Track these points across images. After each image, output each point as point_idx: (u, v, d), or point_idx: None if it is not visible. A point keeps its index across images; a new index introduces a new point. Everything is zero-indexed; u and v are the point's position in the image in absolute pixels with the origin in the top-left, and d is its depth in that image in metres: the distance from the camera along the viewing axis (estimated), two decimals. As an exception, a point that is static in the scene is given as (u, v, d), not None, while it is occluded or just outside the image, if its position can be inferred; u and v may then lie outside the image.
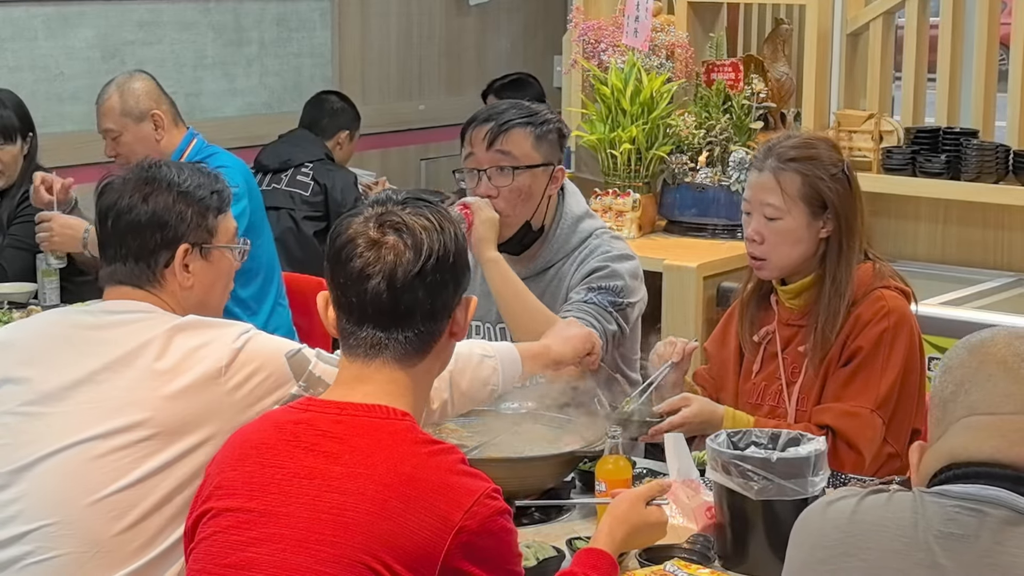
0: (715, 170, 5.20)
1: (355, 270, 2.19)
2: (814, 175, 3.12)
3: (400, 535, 2.04)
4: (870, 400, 3.08)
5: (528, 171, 3.40)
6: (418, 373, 2.23)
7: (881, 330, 3.10)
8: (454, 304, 2.24)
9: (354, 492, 2.07)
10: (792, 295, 3.21)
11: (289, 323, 4.58)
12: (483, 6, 7.59)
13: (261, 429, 2.24)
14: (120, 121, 4.41)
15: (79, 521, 2.47)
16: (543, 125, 3.42)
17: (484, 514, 2.08)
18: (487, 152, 3.39)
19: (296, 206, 5.66)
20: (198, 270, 2.69)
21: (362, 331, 2.21)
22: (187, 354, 2.54)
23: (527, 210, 3.44)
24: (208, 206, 2.70)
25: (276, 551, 2.08)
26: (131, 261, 2.66)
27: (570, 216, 3.51)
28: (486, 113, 3.45)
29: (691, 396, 3.14)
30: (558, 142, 3.46)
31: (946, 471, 1.92)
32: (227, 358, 2.54)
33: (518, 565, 2.17)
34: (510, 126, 3.39)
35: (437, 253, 2.19)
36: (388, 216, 2.21)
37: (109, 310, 2.66)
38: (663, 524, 2.56)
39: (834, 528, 1.96)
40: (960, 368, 1.94)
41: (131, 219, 2.66)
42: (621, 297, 3.41)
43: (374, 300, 2.18)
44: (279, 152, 5.80)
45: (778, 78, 5.56)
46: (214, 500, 2.18)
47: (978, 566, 1.85)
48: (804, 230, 3.13)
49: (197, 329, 2.58)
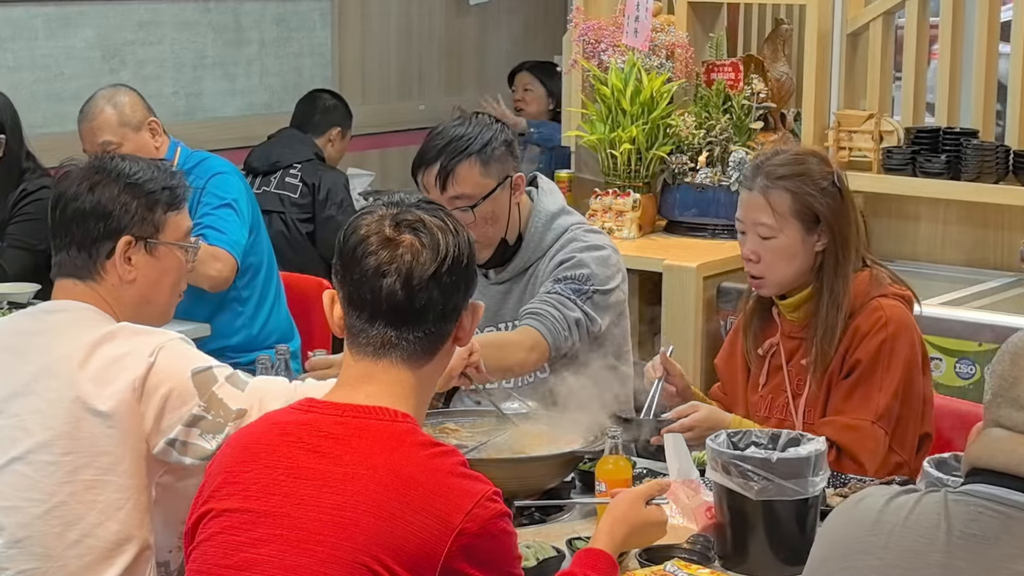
0: (715, 170, 5.20)
1: (370, 267, 2.17)
2: (804, 191, 3.10)
3: (400, 537, 2.04)
4: (871, 412, 3.08)
5: (486, 200, 3.37)
6: (423, 375, 2.22)
7: (880, 341, 3.09)
8: (463, 307, 2.24)
9: (355, 494, 2.07)
10: (792, 308, 3.20)
11: (288, 322, 4.58)
12: (483, 6, 7.59)
13: (262, 430, 2.24)
14: (120, 132, 4.36)
15: (33, 534, 2.51)
16: (486, 148, 3.36)
17: (484, 517, 2.08)
18: (442, 195, 3.35)
19: (286, 209, 5.63)
20: (141, 264, 2.68)
21: (373, 329, 2.19)
22: (108, 364, 2.55)
23: (498, 230, 3.43)
24: (157, 200, 2.68)
25: (277, 552, 2.08)
26: (74, 250, 2.66)
27: (543, 214, 3.50)
28: (431, 153, 3.38)
29: (699, 404, 3.14)
30: (507, 153, 3.40)
31: (972, 474, 1.95)
32: (142, 371, 2.54)
33: (518, 567, 2.17)
34: (454, 165, 3.34)
35: (453, 255, 2.19)
36: (404, 215, 2.20)
37: (47, 310, 2.68)
38: (663, 523, 2.56)
39: (859, 527, 1.97)
40: (999, 378, 1.96)
41: (76, 207, 2.65)
42: (587, 284, 3.40)
43: (389, 298, 2.17)
44: (268, 154, 5.76)
45: (778, 78, 5.56)
46: (215, 501, 2.18)
47: (995, 569, 1.85)
48: (799, 246, 3.13)
49: (120, 338, 2.58)
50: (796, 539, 2.54)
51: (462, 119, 3.43)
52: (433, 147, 3.39)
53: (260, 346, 4.38)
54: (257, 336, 4.47)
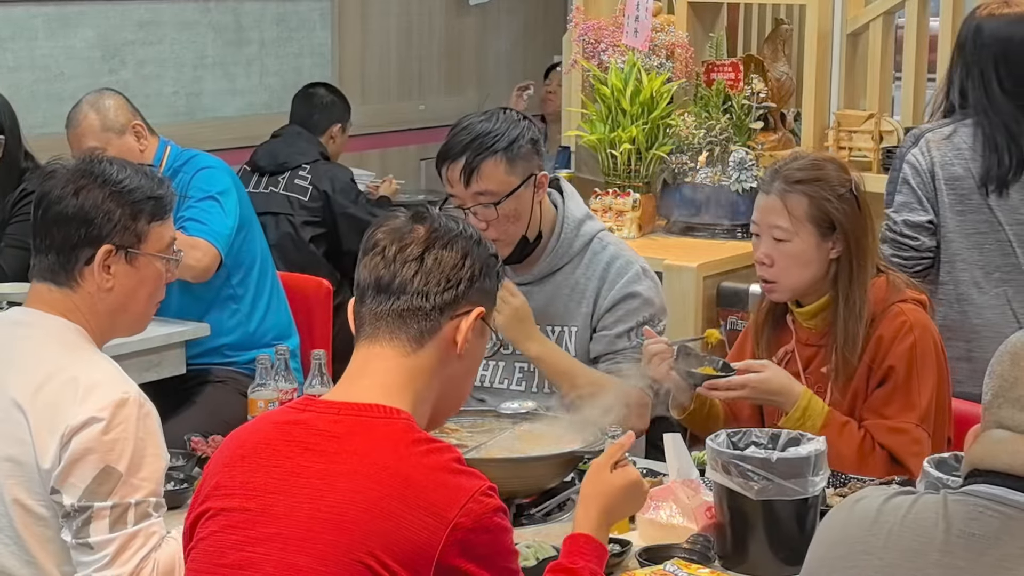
0: (715, 170, 5.19)
1: (370, 247, 2.22)
2: (821, 196, 3.10)
3: (396, 533, 2.05)
4: (915, 416, 3.07)
5: (509, 198, 3.35)
6: (415, 367, 2.20)
7: (909, 346, 3.08)
8: (458, 307, 2.22)
9: (351, 491, 2.08)
10: (808, 316, 3.18)
11: (286, 322, 4.57)
12: (483, 6, 7.59)
13: (258, 429, 2.24)
14: (103, 136, 4.33)
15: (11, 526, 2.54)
16: (513, 145, 3.33)
17: (479, 511, 2.08)
18: (466, 191, 3.34)
19: (295, 211, 5.62)
20: (120, 273, 2.63)
21: (363, 307, 2.22)
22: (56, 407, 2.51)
23: (520, 227, 3.41)
24: (141, 210, 2.63)
25: (274, 550, 2.09)
26: (53, 254, 2.62)
27: (572, 220, 3.49)
28: (456, 148, 3.34)
29: (769, 364, 3.11)
30: (533, 151, 3.38)
31: (973, 475, 1.94)
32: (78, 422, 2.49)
33: (514, 562, 2.17)
34: (479, 162, 3.30)
35: (452, 243, 2.22)
36: (425, 215, 2.25)
37: (15, 320, 2.68)
38: (636, 482, 2.48)
39: (857, 527, 1.97)
40: (999, 379, 1.96)
41: (59, 210, 2.61)
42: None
43: (374, 269, 2.21)
44: (275, 153, 5.75)
45: (778, 78, 5.56)
46: (212, 500, 2.18)
47: (995, 568, 1.85)
48: (813, 251, 3.11)
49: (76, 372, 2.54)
50: (796, 539, 2.53)
51: (488, 114, 3.40)
52: (459, 142, 3.34)
53: (257, 343, 4.38)
54: (254, 333, 4.46)
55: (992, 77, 3.78)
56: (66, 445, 2.48)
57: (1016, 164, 3.78)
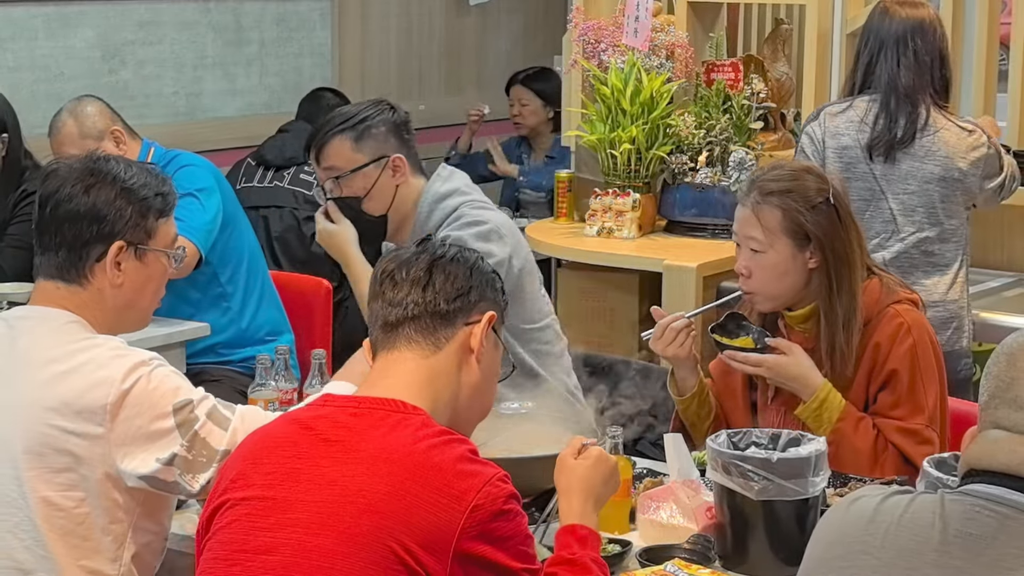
0: (715, 170, 5.20)
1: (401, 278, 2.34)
2: (793, 208, 3.07)
3: (416, 515, 2.10)
4: (923, 417, 3.08)
5: (354, 174, 3.45)
6: (434, 369, 2.30)
7: (909, 347, 3.08)
8: (471, 310, 2.34)
9: (371, 475, 2.13)
10: (799, 320, 3.17)
11: (280, 314, 4.56)
12: (483, 6, 7.59)
13: (277, 425, 2.31)
14: (81, 144, 4.29)
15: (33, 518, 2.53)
16: (361, 124, 3.46)
17: (496, 494, 2.14)
18: (320, 170, 3.51)
19: (299, 205, 5.62)
20: (130, 270, 2.66)
21: (379, 331, 2.34)
22: (78, 392, 2.52)
23: (375, 206, 3.48)
24: (150, 207, 2.67)
25: (296, 535, 2.14)
26: (63, 251, 2.64)
27: (431, 195, 3.51)
28: (311, 134, 3.54)
29: (795, 349, 3.11)
30: (390, 132, 3.49)
31: (970, 476, 1.94)
32: (114, 398, 2.51)
33: (531, 547, 2.21)
34: (325, 140, 3.48)
35: (460, 255, 2.37)
36: (432, 244, 2.40)
37: (21, 316, 2.67)
38: (604, 460, 2.49)
39: (854, 526, 1.97)
40: (996, 379, 1.96)
41: (70, 208, 2.63)
42: None
43: (386, 277, 2.34)
44: (283, 148, 5.75)
45: (778, 78, 5.56)
46: (231, 492, 2.23)
47: (992, 568, 1.85)
48: (789, 262, 3.09)
49: (88, 355, 2.56)
50: (796, 539, 2.52)
51: (363, 102, 3.58)
52: (319, 125, 3.55)
53: (251, 340, 4.39)
54: (247, 330, 4.45)
55: (907, 51, 4.16)
56: (114, 418, 2.50)
57: (910, 133, 4.13)
